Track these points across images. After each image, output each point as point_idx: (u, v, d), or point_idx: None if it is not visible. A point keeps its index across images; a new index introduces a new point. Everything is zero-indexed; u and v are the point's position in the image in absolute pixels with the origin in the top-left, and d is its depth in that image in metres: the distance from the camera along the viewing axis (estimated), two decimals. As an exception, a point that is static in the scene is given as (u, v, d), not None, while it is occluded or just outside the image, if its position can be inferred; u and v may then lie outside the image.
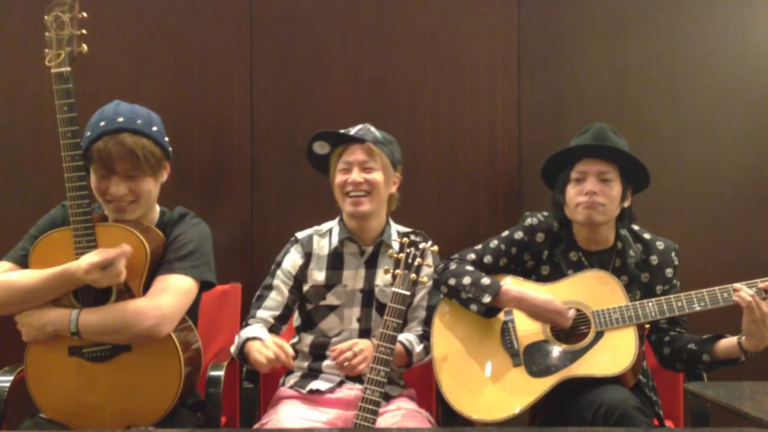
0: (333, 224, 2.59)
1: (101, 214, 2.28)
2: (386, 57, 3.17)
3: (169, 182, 3.05)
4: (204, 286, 2.30)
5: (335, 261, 2.53)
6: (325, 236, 2.57)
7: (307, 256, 2.54)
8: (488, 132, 3.16)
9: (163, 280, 2.17)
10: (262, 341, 2.30)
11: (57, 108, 2.10)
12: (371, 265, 2.53)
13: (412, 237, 2.33)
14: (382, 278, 2.52)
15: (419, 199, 3.15)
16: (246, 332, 2.44)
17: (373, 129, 2.52)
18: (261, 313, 2.52)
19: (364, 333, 2.52)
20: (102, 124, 2.18)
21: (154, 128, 2.23)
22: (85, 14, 2.17)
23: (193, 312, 2.34)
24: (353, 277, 2.52)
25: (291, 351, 2.27)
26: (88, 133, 2.19)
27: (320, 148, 2.52)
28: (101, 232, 2.13)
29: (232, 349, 2.48)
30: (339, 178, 2.48)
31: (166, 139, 2.28)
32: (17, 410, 2.33)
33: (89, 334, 2.11)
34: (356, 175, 2.45)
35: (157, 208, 2.36)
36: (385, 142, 2.51)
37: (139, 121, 2.19)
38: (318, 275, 2.52)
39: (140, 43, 3.16)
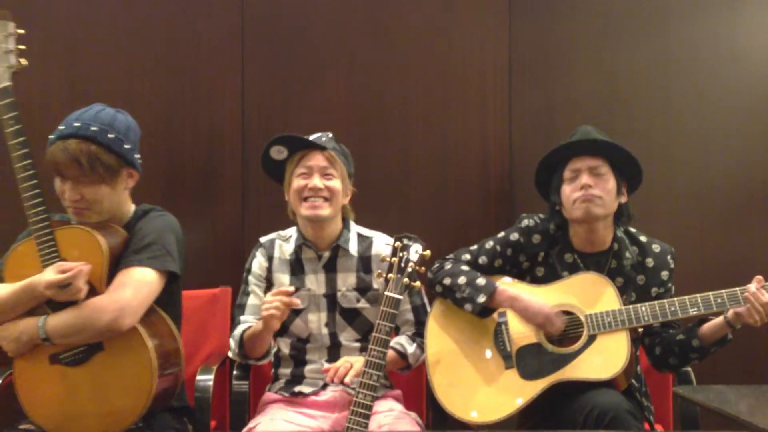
0: (293, 231, 2.59)
1: (67, 220, 2.28)
2: (379, 62, 3.17)
3: (161, 185, 3.07)
4: (171, 277, 2.28)
5: (296, 266, 2.53)
6: (287, 241, 2.57)
7: (270, 259, 2.55)
8: (480, 136, 3.17)
9: (122, 274, 2.17)
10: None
11: (3, 123, 2.12)
12: (330, 269, 2.53)
13: (405, 241, 2.32)
14: (344, 282, 2.52)
15: (411, 203, 3.15)
16: (238, 330, 2.48)
17: (332, 138, 2.52)
18: (245, 318, 2.52)
19: (334, 336, 2.52)
20: (61, 127, 2.20)
21: (111, 135, 2.20)
22: (21, 30, 2.19)
23: (174, 306, 2.35)
24: (315, 282, 2.52)
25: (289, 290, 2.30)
26: (51, 137, 2.21)
27: (278, 153, 2.49)
28: (61, 236, 2.14)
29: (230, 354, 2.50)
30: (297, 182, 2.46)
31: (127, 146, 2.24)
32: (5, 415, 2.31)
33: (58, 338, 2.12)
34: (317, 181, 2.44)
35: (132, 209, 2.35)
36: (344, 153, 2.52)
37: (94, 128, 2.18)
38: (282, 278, 2.52)
39: (131, 46, 3.15)
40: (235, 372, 2.66)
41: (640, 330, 2.42)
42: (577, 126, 2.56)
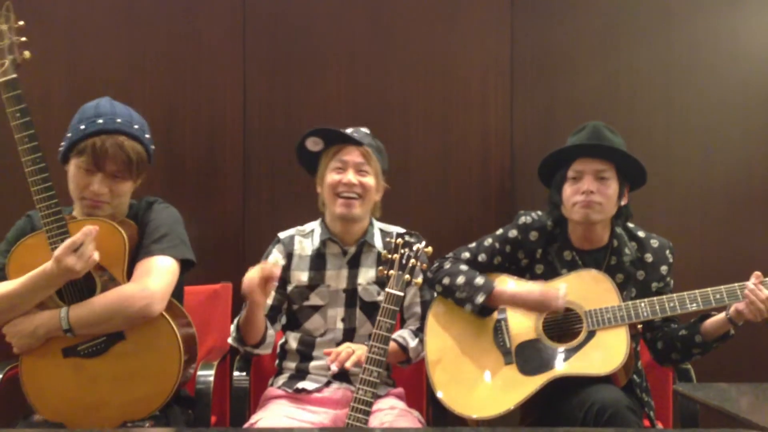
0: (315, 225, 2.59)
1: (70, 215, 2.28)
2: (380, 59, 3.18)
3: (162, 181, 3.08)
4: (184, 266, 2.31)
5: (318, 261, 2.53)
6: (307, 237, 2.57)
7: (289, 255, 2.55)
8: (481, 134, 3.17)
9: (144, 263, 2.20)
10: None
11: (9, 116, 2.13)
12: (354, 265, 2.53)
13: (407, 238, 2.33)
14: (364, 276, 2.52)
15: (412, 199, 3.16)
16: (238, 316, 2.49)
17: (369, 133, 2.53)
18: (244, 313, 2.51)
19: (349, 332, 2.52)
20: (100, 121, 2.20)
21: (147, 135, 2.28)
22: (22, 22, 2.20)
23: (179, 296, 2.36)
24: (336, 277, 2.52)
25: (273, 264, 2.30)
26: (82, 126, 2.20)
27: (314, 144, 2.51)
28: (75, 229, 2.13)
29: (230, 339, 2.51)
30: (332, 177, 2.47)
31: (153, 147, 2.31)
32: (9, 408, 2.32)
33: (82, 328, 2.12)
34: (351, 176, 2.45)
35: (128, 202, 2.37)
36: (379, 149, 2.53)
37: (136, 126, 2.24)
38: (301, 275, 2.52)
39: (132, 42, 3.16)
40: (235, 367, 2.66)
41: (640, 327, 2.43)
42: (577, 125, 2.55)
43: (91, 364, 2.15)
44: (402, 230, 2.56)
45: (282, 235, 2.59)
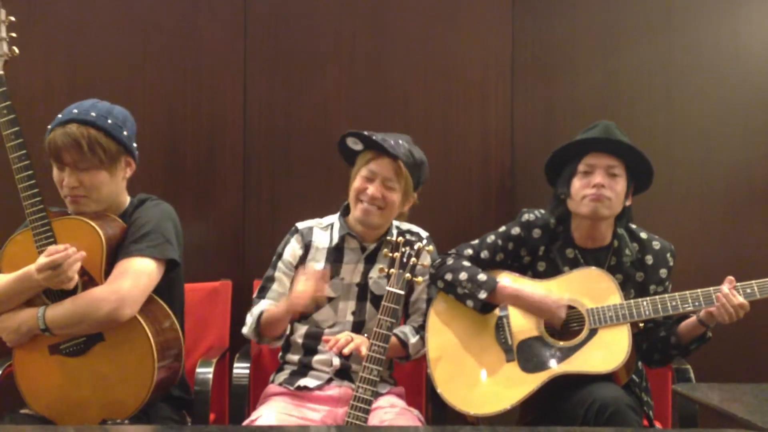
0: (334, 219, 2.58)
1: (64, 210, 2.29)
2: (381, 58, 3.18)
3: (162, 179, 3.08)
4: (170, 265, 2.29)
5: (335, 255, 2.52)
6: (326, 230, 2.57)
7: (306, 246, 2.54)
8: (481, 132, 3.17)
9: (121, 264, 2.18)
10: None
11: None
12: (371, 260, 2.53)
13: (408, 236, 2.34)
14: (376, 270, 2.52)
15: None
16: (257, 309, 2.46)
17: (409, 145, 2.49)
18: (266, 302, 2.50)
19: (358, 325, 2.51)
20: (59, 116, 2.22)
21: (110, 121, 2.22)
22: (13, 18, 2.20)
23: (175, 294, 2.35)
24: (352, 271, 2.52)
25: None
26: (49, 127, 2.22)
27: (354, 143, 2.50)
28: (58, 227, 2.15)
29: (245, 329, 2.48)
30: (359, 183, 2.46)
31: (125, 133, 2.26)
32: (6, 404, 2.32)
33: (57, 329, 2.13)
34: (376, 190, 2.43)
35: (127, 200, 2.36)
36: (417, 163, 2.49)
37: (93, 113, 2.20)
38: (317, 267, 2.51)
39: (134, 40, 3.15)
40: (235, 365, 2.66)
41: (641, 325, 2.43)
42: (577, 125, 2.56)
43: (73, 363, 2.16)
44: (417, 229, 2.58)
45: (300, 225, 2.59)
